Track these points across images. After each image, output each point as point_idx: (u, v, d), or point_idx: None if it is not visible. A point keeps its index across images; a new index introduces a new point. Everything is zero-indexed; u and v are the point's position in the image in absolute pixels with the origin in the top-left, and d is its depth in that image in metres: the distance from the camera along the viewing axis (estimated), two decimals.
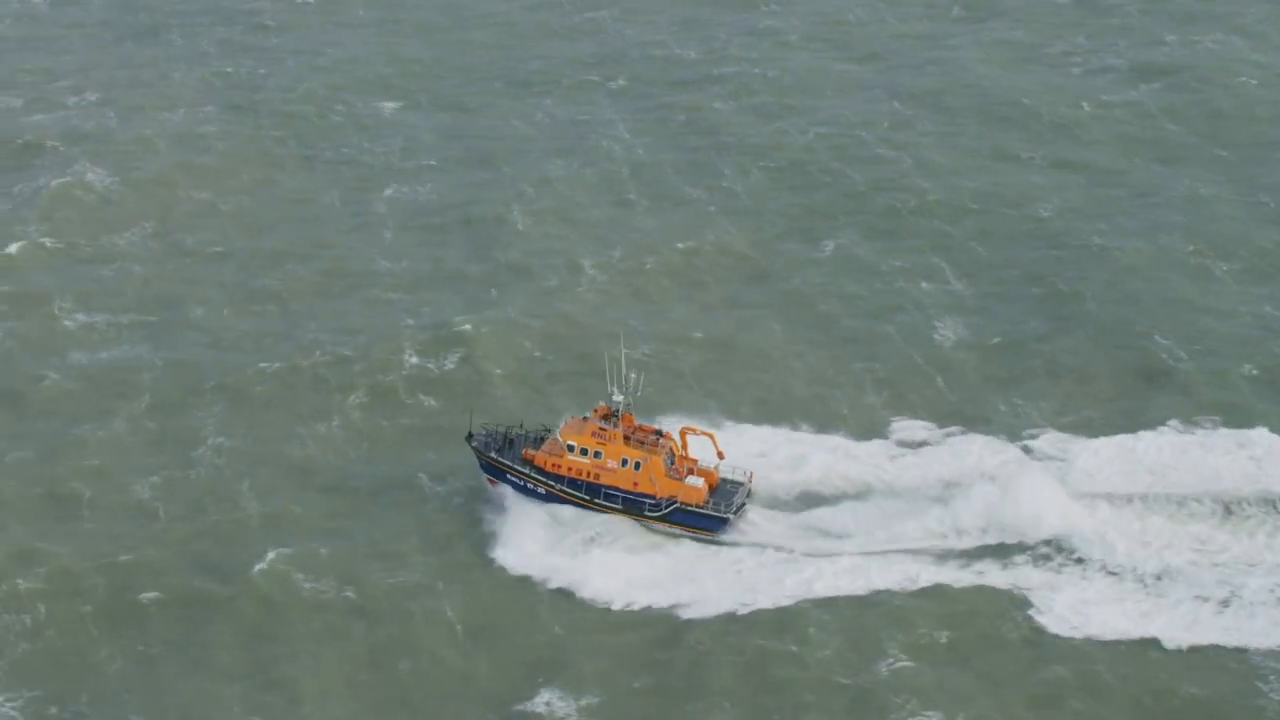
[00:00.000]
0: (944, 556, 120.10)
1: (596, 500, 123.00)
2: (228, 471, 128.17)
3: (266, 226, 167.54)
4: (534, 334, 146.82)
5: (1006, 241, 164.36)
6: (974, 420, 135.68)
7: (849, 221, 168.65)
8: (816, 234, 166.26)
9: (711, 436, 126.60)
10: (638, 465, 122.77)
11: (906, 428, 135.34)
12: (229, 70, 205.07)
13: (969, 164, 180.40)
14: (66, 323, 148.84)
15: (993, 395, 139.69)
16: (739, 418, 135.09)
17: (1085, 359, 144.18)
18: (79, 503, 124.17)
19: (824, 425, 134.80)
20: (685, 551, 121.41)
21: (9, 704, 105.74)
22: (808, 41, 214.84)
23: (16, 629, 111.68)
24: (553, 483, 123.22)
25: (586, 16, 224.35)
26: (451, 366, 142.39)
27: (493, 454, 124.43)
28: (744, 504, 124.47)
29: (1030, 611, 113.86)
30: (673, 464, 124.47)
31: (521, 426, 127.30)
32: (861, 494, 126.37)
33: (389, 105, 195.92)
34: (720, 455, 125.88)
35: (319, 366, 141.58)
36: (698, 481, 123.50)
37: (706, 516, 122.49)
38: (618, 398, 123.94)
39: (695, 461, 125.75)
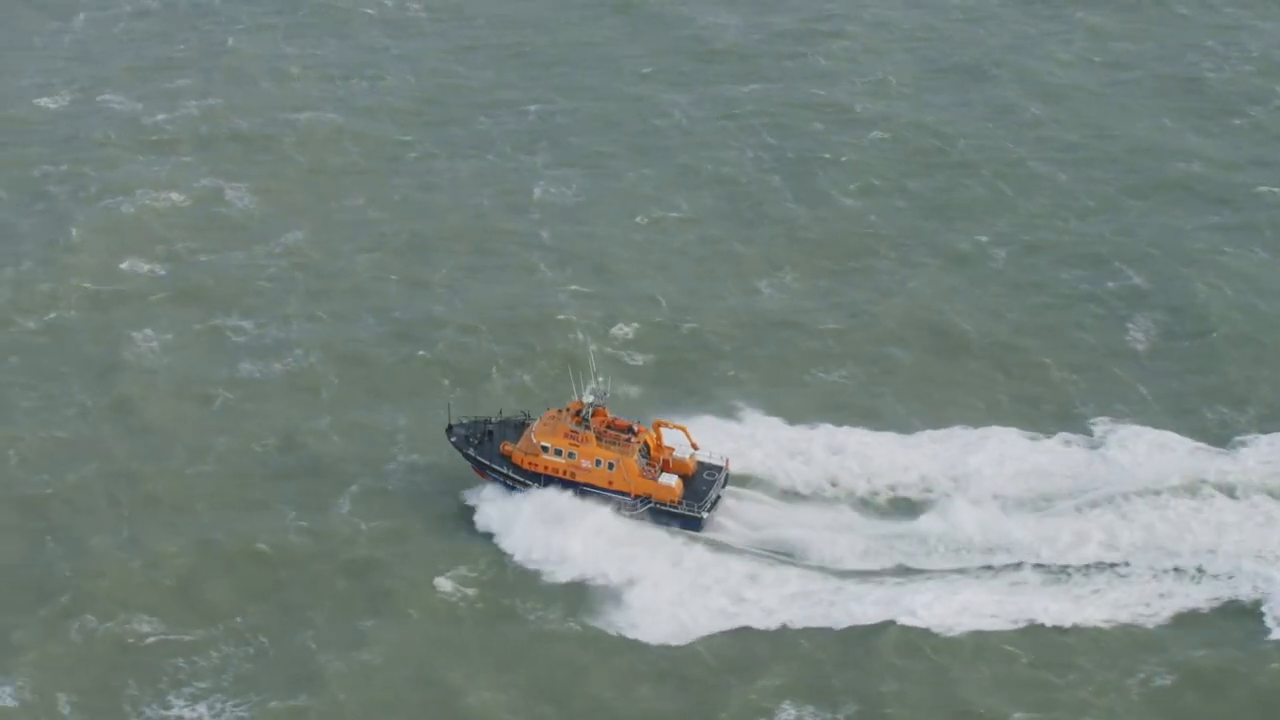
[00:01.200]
0: None
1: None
2: None
3: (417, 225, 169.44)
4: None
5: None
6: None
7: None
8: None
9: (684, 429, 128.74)
10: (611, 465, 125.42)
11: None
12: (350, 73, 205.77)
13: None
14: (235, 337, 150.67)
15: None
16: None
17: None
18: None
19: None
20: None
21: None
22: None
23: None
24: (530, 481, 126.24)
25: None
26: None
27: (471, 451, 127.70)
28: (719, 497, 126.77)
29: None
30: (648, 459, 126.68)
31: (501, 413, 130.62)
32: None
33: (533, 108, 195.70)
34: (695, 446, 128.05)
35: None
36: (671, 479, 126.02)
37: (681, 516, 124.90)
38: (589, 398, 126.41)
39: (671, 452, 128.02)
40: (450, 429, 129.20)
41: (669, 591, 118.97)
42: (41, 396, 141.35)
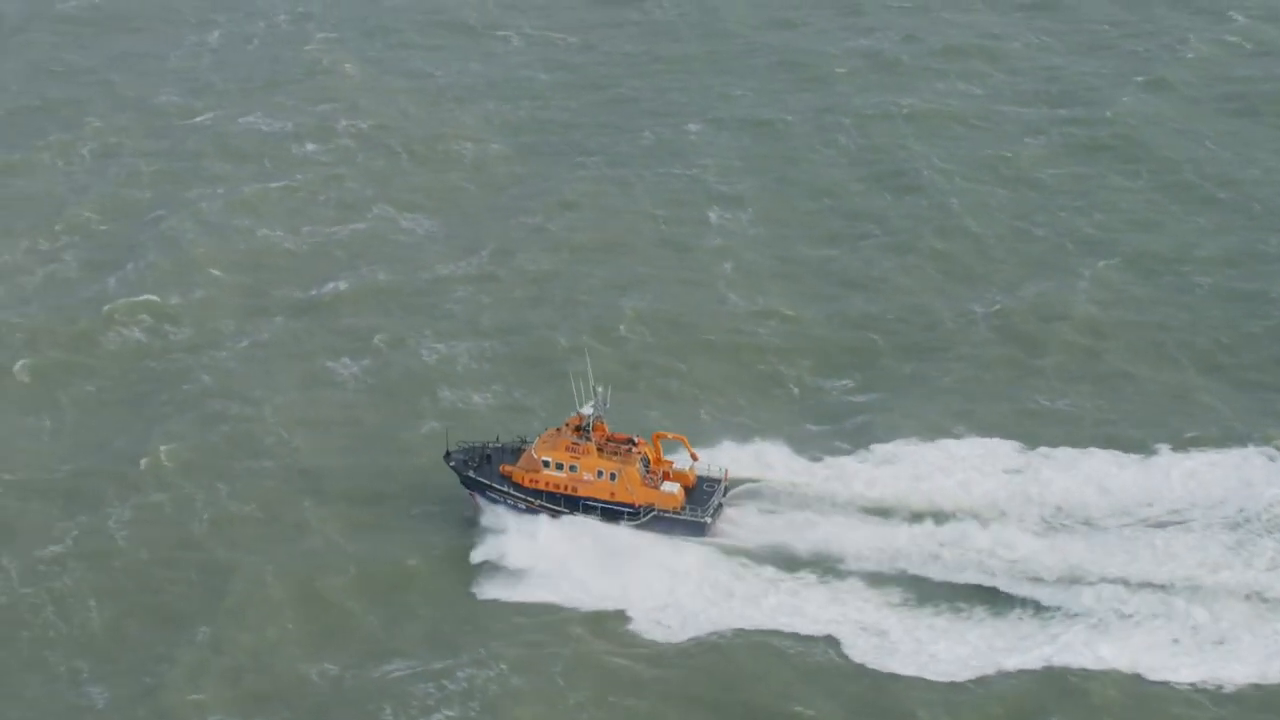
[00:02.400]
0: None
1: (576, 512, 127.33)
2: None
3: (602, 249, 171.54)
4: None
5: None
6: None
7: None
8: None
9: (683, 439, 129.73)
10: (613, 476, 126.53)
11: None
12: (501, 92, 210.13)
13: None
14: (427, 357, 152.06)
15: None
16: None
17: None
18: None
19: None
20: None
21: None
22: None
23: None
24: (531, 498, 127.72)
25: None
26: None
27: (470, 472, 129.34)
28: (721, 504, 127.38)
29: None
30: (648, 471, 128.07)
31: (498, 440, 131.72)
32: None
33: (693, 126, 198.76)
34: (694, 457, 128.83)
35: None
36: (673, 487, 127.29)
37: (684, 522, 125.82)
38: (586, 411, 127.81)
39: (670, 464, 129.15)
40: (448, 454, 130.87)
41: None
42: (241, 419, 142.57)
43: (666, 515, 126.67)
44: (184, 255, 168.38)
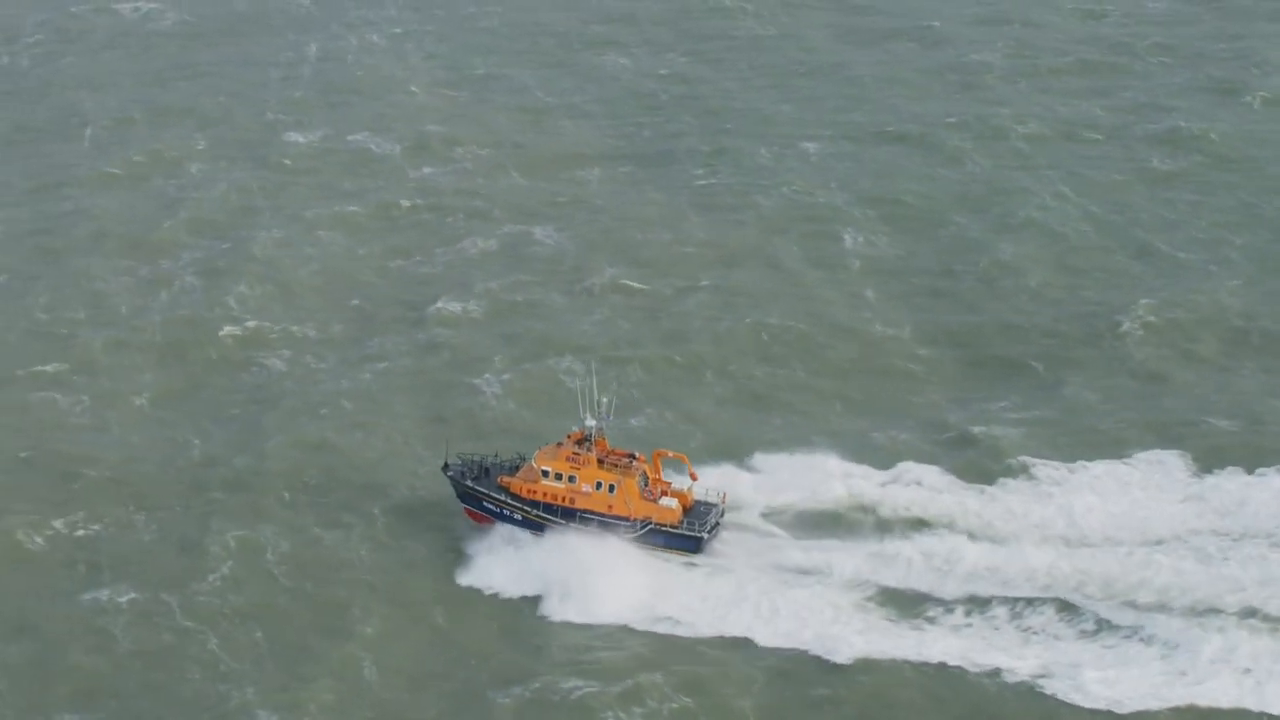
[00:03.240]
0: None
1: (572, 524, 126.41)
2: None
3: (732, 264, 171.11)
4: None
5: None
6: None
7: None
8: None
9: (684, 459, 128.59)
10: (612, 488, 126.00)
11: None
12: (617, 112, 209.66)
13: None
14: (570, 381, 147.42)
15: None
16: None
17: None
18: None
19: None
20: None
21: None
22: None
23: None
24: (528, 508, 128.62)
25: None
26: None
27: (469, 481, 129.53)
28: (718, 523, 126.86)
29: None
30: (646, 486, 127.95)
31: (496, 455, 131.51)
32: None
33: (810, 146, 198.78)
34: (693, 477, 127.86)
35: None
36: (671, 502, 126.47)
37: (681, 536, 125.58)
38: (590, 422, 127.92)
39: (669, 485, 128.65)
40: (446, 466, 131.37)
41: None
42: (388, 440, 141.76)
43: (663, 529, 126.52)
44: (307, 276, 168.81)
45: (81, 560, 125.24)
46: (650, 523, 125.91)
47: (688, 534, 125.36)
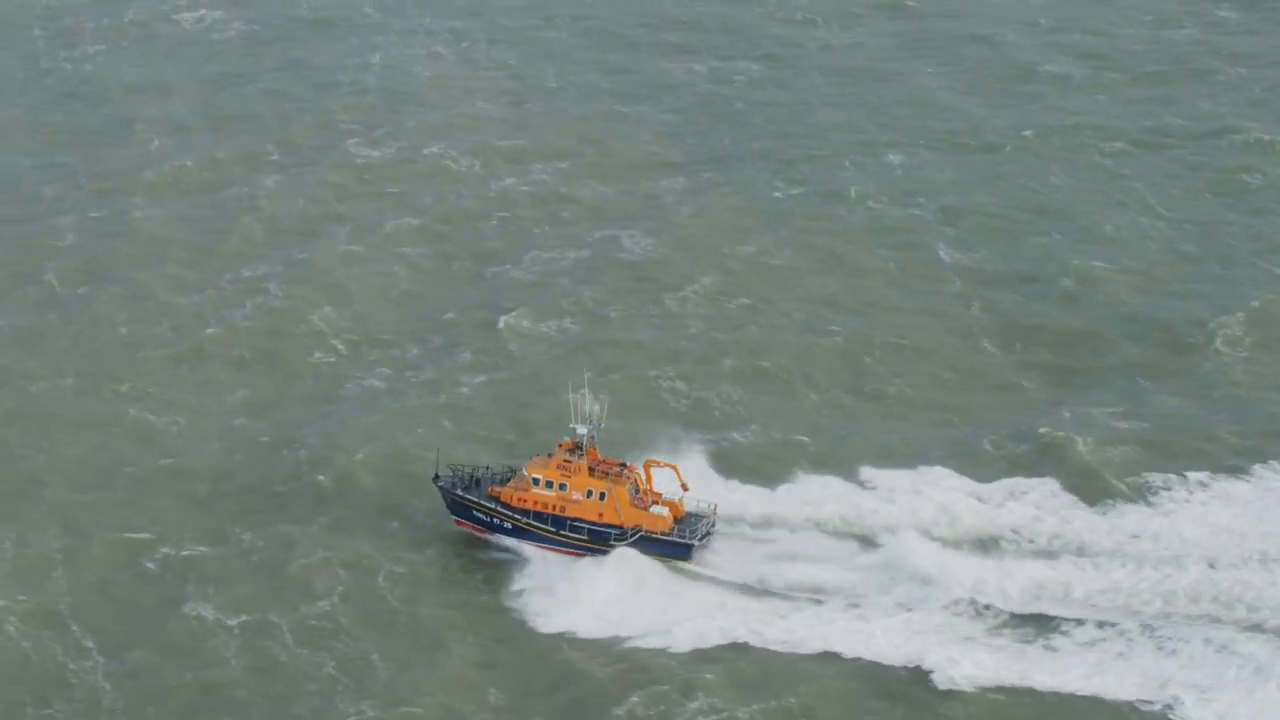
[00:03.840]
0: None
1: (562, 532, 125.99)
2: None
3: (820, 274, 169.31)
4: None
5: None
6: None
7: None
8: None
9: (675, 468, 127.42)
10: (603, 496, 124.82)
11: None
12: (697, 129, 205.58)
13: None
14: (675, 403, 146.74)
15: None
16: None
17: None
18: None
19: None
20: None
21: None
22: None
23: None
24: (519, 516, 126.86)
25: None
26: None
27: (459, 491, 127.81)
28: (709, 532, 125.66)
29: None
30: (638, 494, 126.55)
31: (488, 468, 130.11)
32: None
33: (893, 156, 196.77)
34: (684, 487, 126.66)
35: None
36: (663, 510, 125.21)
37: (672, 544, 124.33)
38: (581, 430, 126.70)
39: (659, 495, 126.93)
40: (437, 476, 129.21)
41: None
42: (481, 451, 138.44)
43: (654, 536, 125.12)
44: (392, 288, 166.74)
45: (190, 578, 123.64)
46: (641, 530, 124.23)
47: (678, 541, 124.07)
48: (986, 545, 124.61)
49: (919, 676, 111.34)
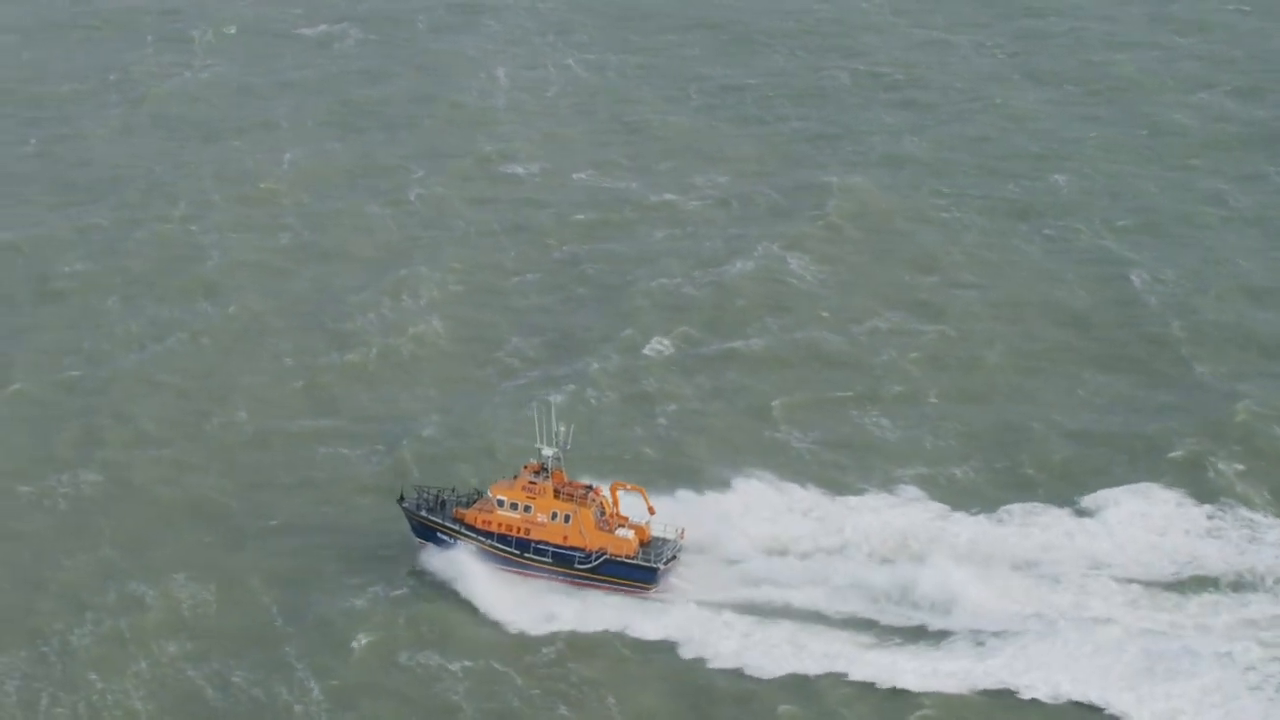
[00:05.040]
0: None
1: (526, 555, 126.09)
2: None
3: (1009, 303, 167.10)
4: None
5: None
6: None
7: None
8: None
9: (642, 491, 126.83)
10: (568, 518, 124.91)
11: None
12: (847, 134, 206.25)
13: None
14: (878, 433, 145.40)
15: None
16: None
17: None
18: None
19: None
20: None
21: None
22: None
23: None
24: (483, 538, 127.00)
25: None
26: None
27: (424, 512, 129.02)
28: (675, 556, 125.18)
29: None
30: (603, 517, 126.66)
31: (454, 490, 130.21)
32: None
33: (1059, 179, 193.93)
34: (651, 510, 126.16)
35: None
36: (628, 533, 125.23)
37: (637, 568, 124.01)
38: (547, 452, 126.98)
39: (626, 519, 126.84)
40: (402, 497, 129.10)
41: None
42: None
43: (619, 560, 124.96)
44: (538, 303, 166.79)
45: (404, 623, 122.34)
46: (605, 554, 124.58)
47: (643, 565, 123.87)
48: None
49: None
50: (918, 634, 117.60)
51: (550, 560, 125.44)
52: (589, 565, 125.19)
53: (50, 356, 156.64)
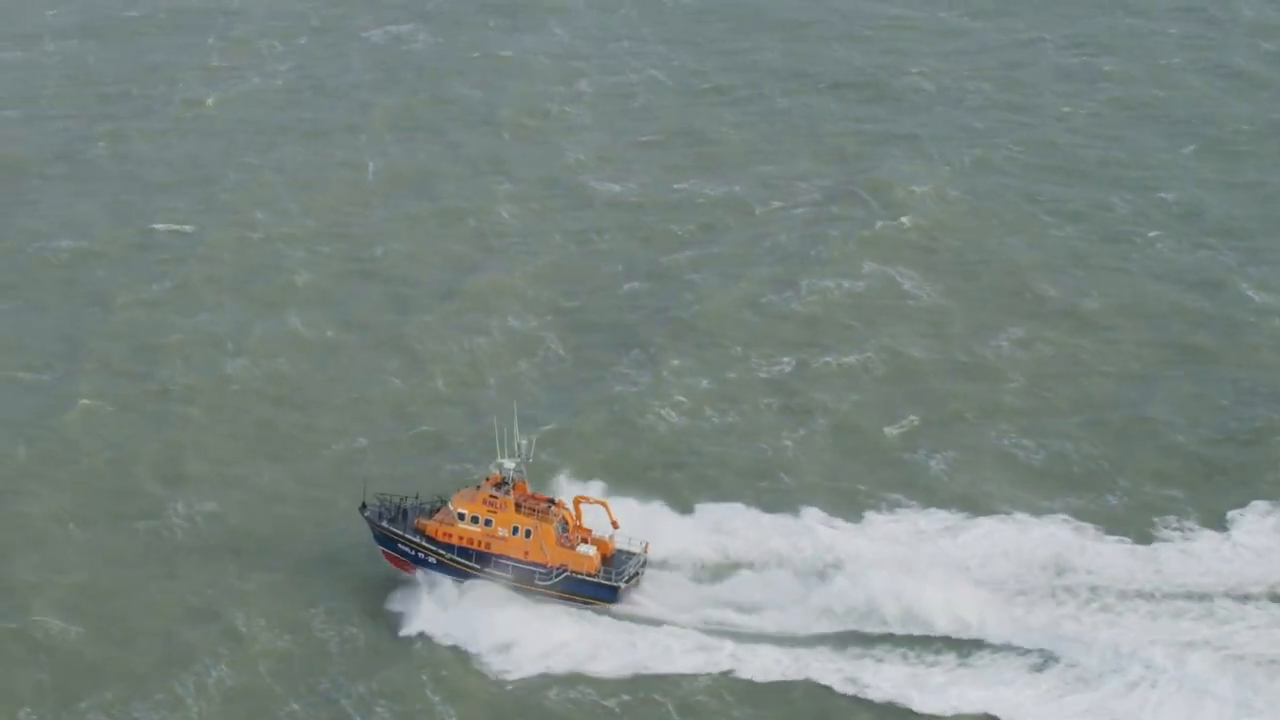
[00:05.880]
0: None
1: (487, 569, 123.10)
2: None
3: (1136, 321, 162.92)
4: None
5: None
6: None
7: None
8: None
9: (605, 505, 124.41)
10: (528, 533, 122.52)
11: None
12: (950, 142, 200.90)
13: None
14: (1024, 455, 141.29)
15: None
16: None
17: None
18: None
19: None
20: None
21: None
22: None
23: None
24: (443, 551, 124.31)
25: None
26: None
27: (384, 522, 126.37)
28: (638, 573, 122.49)
29: None
30: (565, 532, 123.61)
31: (417, 497, 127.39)
32: None
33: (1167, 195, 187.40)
34: (615, 524, 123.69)
35: None
36: (589, 550, 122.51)
37: (597, 585, 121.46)
38: (508, 465, 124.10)
39: (589, 532, 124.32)
40: (364, 506, 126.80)
41: None
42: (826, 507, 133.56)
43: (579, 577, 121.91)
44: (696, 330, 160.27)
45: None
46: (566, 570, 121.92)
47: (603, 583, 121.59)
48: None
49: None
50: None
51: (511, 575, 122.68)
52: (549, 582, 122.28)
53: (125, 364, 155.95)
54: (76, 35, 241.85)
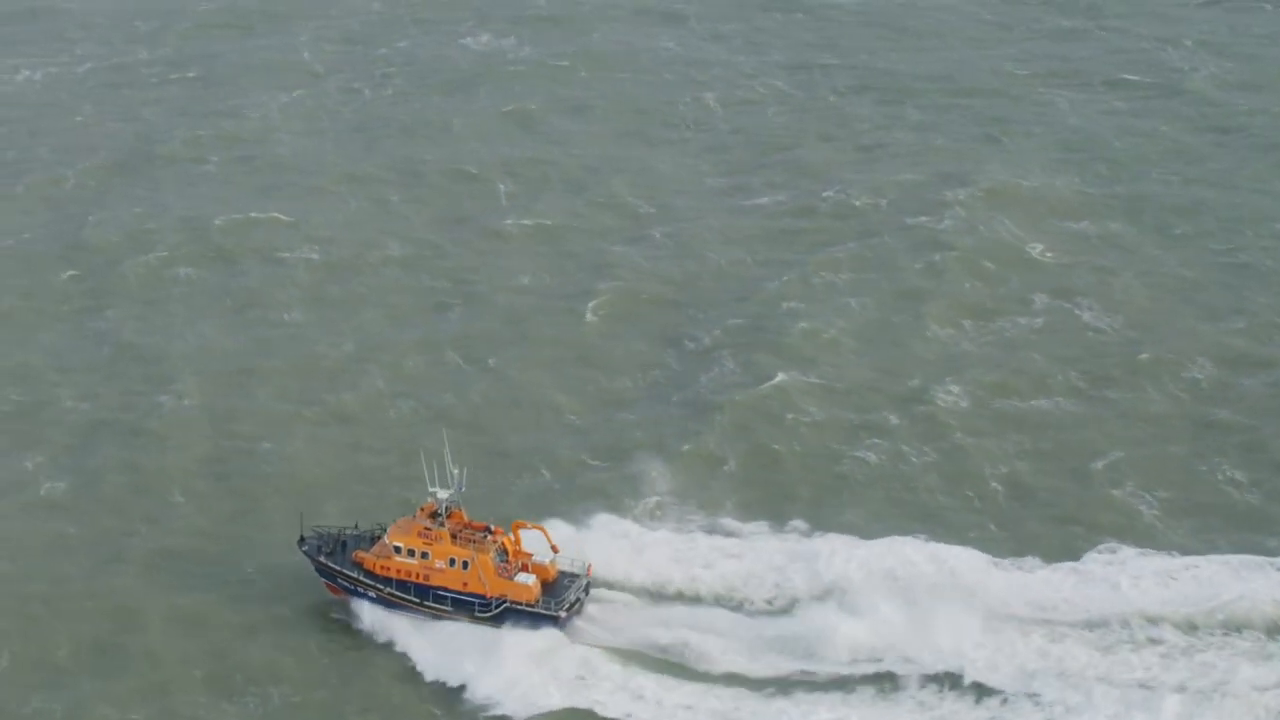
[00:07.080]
0: None
1: (426, 602, 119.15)
2: None
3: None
4: None
5: None
6: None
7: None
8: None
9: (543, 530, 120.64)
10: (465, 565, 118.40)
11: None
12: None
13: None
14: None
15: None
16: None
17: None
18: None
19: None
20: None
21: None
22: None
23: None
24: (381, 586, 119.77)
25: None
26: None
27: (321, 558, 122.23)
28: (580, 600, 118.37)
29: None
30: (504, 561, 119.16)
31: (356, 526, 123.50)
32: None
33: None
34: (554, 549, 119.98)
35: None
36: (529, 579, 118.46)
37: (537, 615, 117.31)
38: (441, 495, 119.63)
39: (529, 556, 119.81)
40: (302, 539, 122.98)
41: None
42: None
43: (519, 608, 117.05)
44: (818, 340, 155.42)
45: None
46: (505, 601, 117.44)
47: (543, 613, 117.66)
48: None
49: None
50: None
51: (450, 607, 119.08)
52: (489, 614, 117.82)
53: (223, 362, 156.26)
54: None
